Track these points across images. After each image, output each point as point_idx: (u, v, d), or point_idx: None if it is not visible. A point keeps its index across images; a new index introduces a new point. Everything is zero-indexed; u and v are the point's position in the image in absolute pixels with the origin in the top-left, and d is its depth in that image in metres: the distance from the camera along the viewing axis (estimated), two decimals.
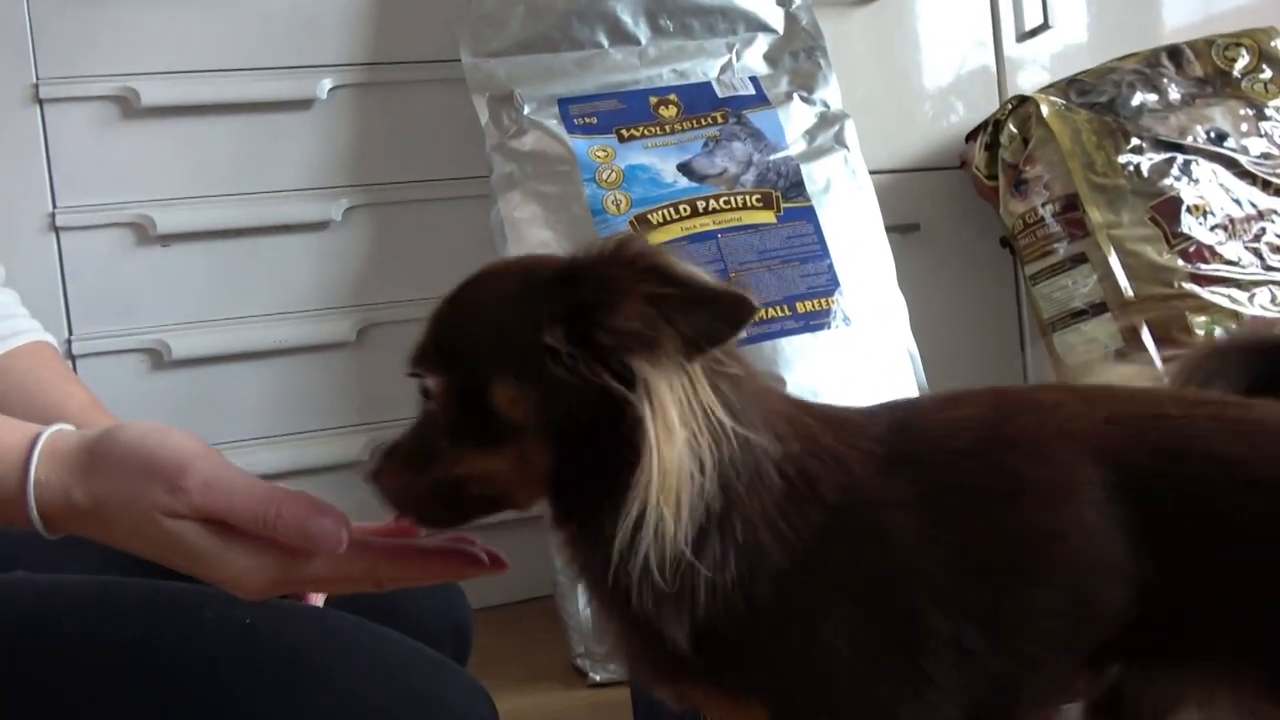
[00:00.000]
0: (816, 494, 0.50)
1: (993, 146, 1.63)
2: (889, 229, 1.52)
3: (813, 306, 1.30)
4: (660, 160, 1.37)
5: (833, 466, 0.51)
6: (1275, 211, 1.54)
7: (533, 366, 0.49)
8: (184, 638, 0.64)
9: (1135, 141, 1.52)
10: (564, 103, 1.40)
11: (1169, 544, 0.52)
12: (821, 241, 1.35)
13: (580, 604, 1.25)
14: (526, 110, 1.40)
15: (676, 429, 0.46)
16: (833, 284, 1.33)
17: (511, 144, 1.39)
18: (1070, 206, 1.52)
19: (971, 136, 1.68)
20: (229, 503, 0.53)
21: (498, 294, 0.53)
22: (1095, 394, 0.58)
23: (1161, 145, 1.53)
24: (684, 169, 1.36)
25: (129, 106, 1.44)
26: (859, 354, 1.30)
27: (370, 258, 1.55)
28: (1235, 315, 1.46)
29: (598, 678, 1.24)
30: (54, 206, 1.42)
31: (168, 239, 1.46)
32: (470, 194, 1.54)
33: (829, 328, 1.29)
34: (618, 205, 1.31)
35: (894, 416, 0.56)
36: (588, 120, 1.39)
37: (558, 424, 0.49)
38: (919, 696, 0.52)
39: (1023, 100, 1.58)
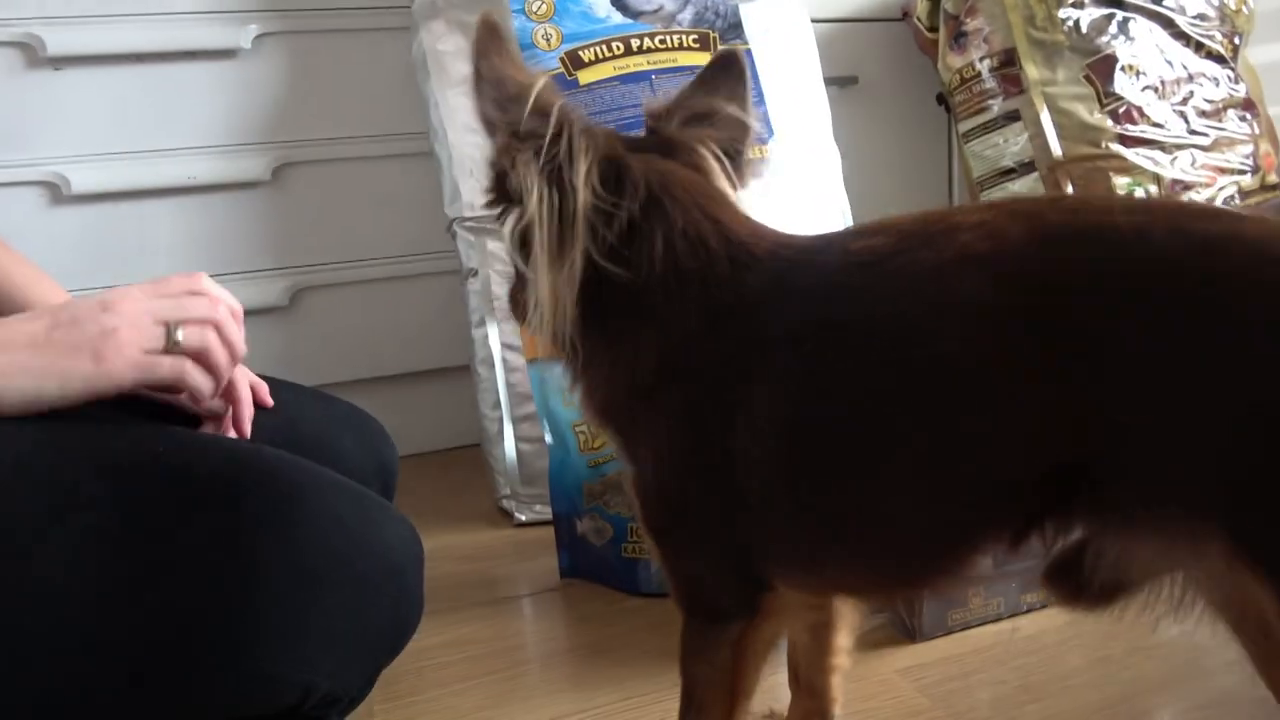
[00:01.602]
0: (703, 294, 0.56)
1: None
2: (827, 80, 1.49)
3: None
4: None
5: (725, 279, 0.56)
6: (1205, 74, 1.55)
7: None
8: (94, 471, 0.62)
9: None
10: None
11: (1097, 381, 0.45)
12: (757, 88, 1.31)
13: (506, 448, 1.26)
14: None
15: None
16: (766, 132, 1.30)
17: None
18: (1008, 62, 1.51)
19: None
20: None
21: None
22: (1031, 209, 0.50)
23: (1102, 0, 1.51)
24: (618, 4, 1.29)
25: None
26: (789, 204, 1.29)
27: (284, 91, 1.46)
28: (1156, 178, 1.48)
29: (523, 518, 1.27)
30: None
31: (59, 61, 1.35)
32: (391, 24, 1.45)
33: (760, 176, 1.27)
34: (548, 40, 1.25)
35: (813, 245, 0.57)
36: None
37: None
38: (729, 502, 0.55)
39: None
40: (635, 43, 1.28)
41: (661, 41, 1.29)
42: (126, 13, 1.37)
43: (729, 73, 0.65)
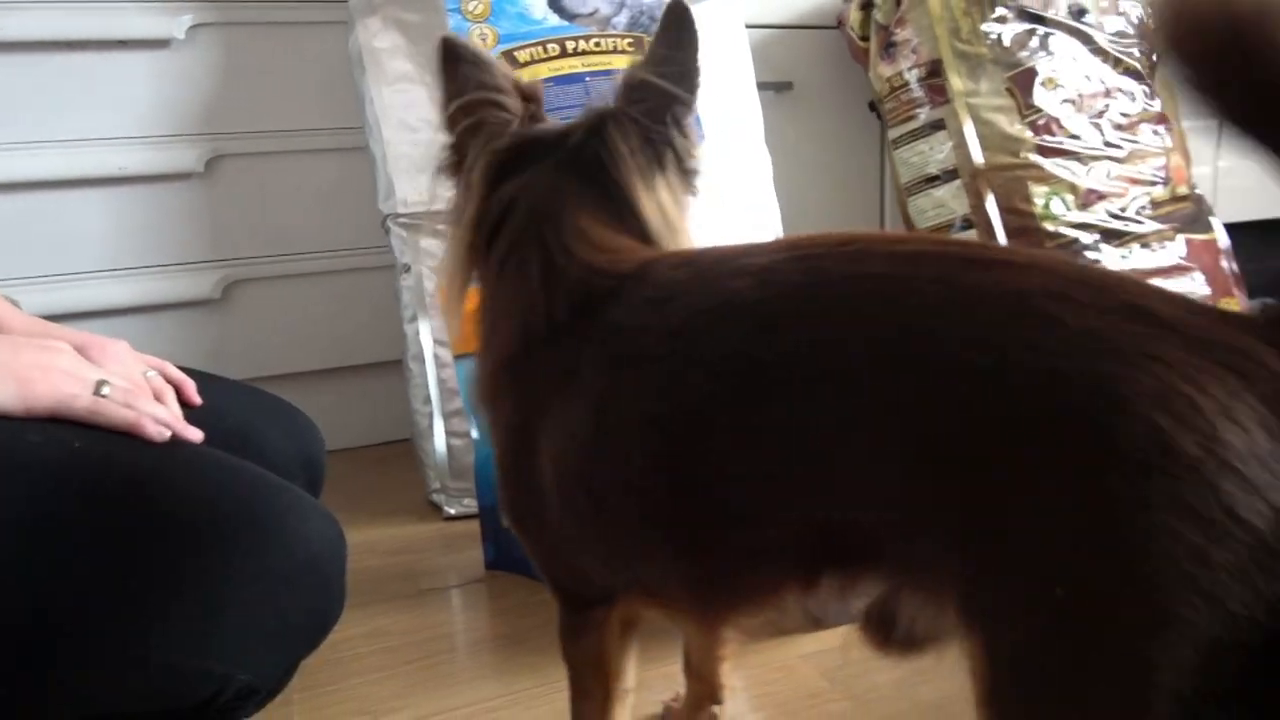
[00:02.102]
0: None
1: (867, 7, 1.63)
2: (762, 86, 1.52)
3: None
4: None
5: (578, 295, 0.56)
6: (1121, 90, 1.62)
7: None
8: (6, 466, 0.63)
9: (1000, 11, 1.55)
10: None
11: (822, 440, 0.44)
12: None
13: (436, 443, 1.28)
14: None
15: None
16: (698, 136, 1.33)
17: None
18: (934, 73, 1.55)
19: None
20: None
21: None
22: (818, 251, 0.47)
23: (1025, 16, 1.56)
24: (554, 6, 1.31)
25: None
26: (719, 208, 1.33)
27: (218, 83, 1.45)
28: (1073, 187, 1.55)
29: (452, 511, 1.29)
30: None
31: None
32: (327, 18, 1.45)
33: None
34: (484, 40, 1.26)
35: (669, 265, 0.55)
36: None
37: None
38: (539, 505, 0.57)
39: None
40: (571, 45, 1.30)
41: (596, 44, 1.31)
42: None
43: (672, 30, 0.61)
